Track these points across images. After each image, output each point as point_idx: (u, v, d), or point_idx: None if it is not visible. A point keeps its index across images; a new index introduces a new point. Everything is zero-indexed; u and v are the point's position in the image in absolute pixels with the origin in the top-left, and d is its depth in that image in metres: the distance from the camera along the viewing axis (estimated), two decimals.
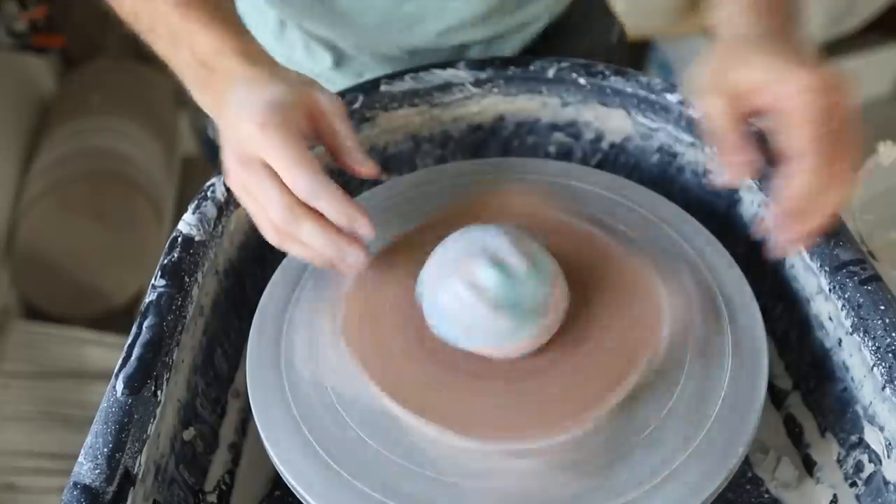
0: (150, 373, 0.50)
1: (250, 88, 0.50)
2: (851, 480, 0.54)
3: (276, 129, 0.48)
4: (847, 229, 0.56)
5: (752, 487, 0.55)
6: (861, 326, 0.51)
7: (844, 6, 2.01)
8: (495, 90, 0.69)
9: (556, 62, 0.68)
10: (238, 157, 0.50)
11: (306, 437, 0.49)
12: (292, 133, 0.49)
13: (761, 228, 0.54)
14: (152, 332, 0.52)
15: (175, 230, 0.59)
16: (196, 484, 0.55)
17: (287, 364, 0.53)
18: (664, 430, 0.48)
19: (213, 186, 0.61)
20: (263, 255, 0.66)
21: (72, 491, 0.45)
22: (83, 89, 1.78)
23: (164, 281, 0.55)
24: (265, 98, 0.49)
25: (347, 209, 0.49)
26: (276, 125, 0.48)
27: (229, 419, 0.60)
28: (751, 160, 0.53)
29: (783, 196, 0.51)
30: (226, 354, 0.62)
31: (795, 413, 0.59)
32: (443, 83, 0.68)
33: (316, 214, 0.49)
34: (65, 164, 1.60)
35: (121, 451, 0.46)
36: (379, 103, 0.67)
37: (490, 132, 0.71)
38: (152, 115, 1.79)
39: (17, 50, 1.76)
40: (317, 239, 0.49)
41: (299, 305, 0.56)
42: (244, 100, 0.50)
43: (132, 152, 1.67)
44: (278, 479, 0.54)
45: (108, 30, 1.82)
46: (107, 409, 0.48)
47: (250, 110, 0.49)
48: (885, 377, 0.49)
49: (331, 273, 0.57)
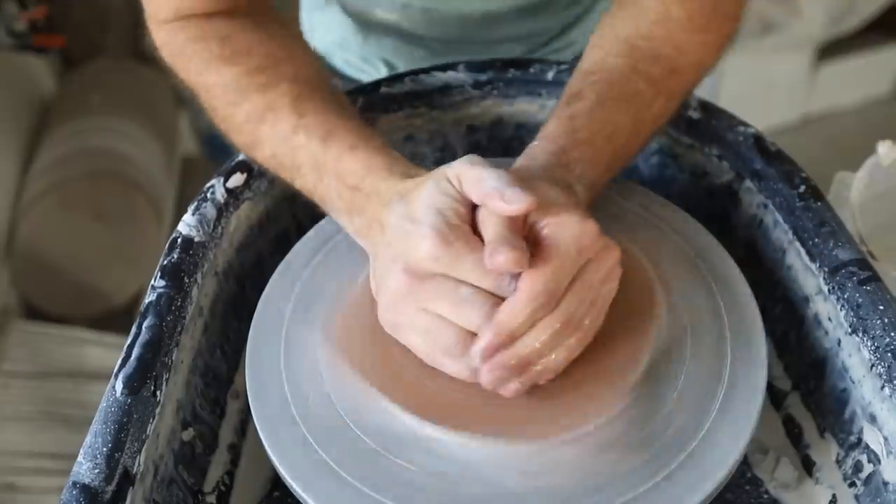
0: (149, 373, 0.50)
1: (409, 204, 0.48)
2: (850, 481, 0.54)
3: (456, 239, 0.45)
4: (847, 229, 0.56)
5: (752, 488, 0.55)
6: (860, 326, 0.51)
7: (844, 6, 2.01)
8: (495, 92, 0.69)
9: (555, 64, 0.69)
10: (415, 274, 0.47)
11: (306, 438, 0.49)
12: (470, 238, 0.46)
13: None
14: (152, 332, 0.52)
15: (175, 231, 0.59)
16: (195, 484, 0.55)
17: (286, 365, 0.53)
18: (664, 430, 0.48)
19: (212, 188, 0.62)
20: (263, 256, 0.66)
21: (71, 490, 0.45)
22: (83, 89, 1.78)
23: (164, 282, 0.55)
24: (426, 203, 0.47)
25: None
26: (456, 235, 0.46)
27: (228, 420, 0.60)
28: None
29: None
30: (225, 355, 0.62)
31: (795, 413, 0.59)
32: (442, 85, 0.68)
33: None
34: (65, 164, 1.60)
35: (120, 450, 0.46)
36: (379, 105, 0.67)
37: (489, 134, 0.71)
38: (152, 115, 1.79)
39: (17, 50, 1.76)
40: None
41: (298, 306, 0.56)
42: (406, 216, 0.47)
43: (132, 152, 1.67)
44: (277, 480, 0.54)
45: (108, 30, 1.83)
46: (106, 409, 0.48)
47: (422, 227, 0.46)
48: (884, 377, 0.50)
49: (329, 273, 0.57)
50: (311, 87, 0.57)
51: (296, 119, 0.55)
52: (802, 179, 0.60)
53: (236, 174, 0.62)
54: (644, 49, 0.58)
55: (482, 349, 0.45)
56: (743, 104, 0.89)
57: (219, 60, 0.58)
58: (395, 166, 0.52)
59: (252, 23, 0.60)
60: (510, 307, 0.45)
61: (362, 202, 0.52)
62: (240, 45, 0.58)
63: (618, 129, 0.56)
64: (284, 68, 0.58)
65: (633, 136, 0.57)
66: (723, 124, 0.64)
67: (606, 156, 0.55)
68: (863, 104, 2.30)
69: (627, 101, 0.56)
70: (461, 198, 0.47)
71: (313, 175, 0.54)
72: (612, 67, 0.57)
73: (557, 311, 0.46)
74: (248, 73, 0.57)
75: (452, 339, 0.47)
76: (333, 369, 0.52)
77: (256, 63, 0.57)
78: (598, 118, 0.55)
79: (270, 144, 0.56)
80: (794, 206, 0.58)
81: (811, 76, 2.20)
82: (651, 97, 0.57)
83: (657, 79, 0.58)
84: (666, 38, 0.58)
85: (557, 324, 0.46)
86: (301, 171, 0.55)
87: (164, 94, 1.84)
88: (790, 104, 2.23)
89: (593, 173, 0.54)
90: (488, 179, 0.46)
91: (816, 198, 0.58)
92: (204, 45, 0.58)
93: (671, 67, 0.58)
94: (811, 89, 2.23)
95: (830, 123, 2.27)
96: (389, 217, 0.49)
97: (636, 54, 0.58)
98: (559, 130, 0.55)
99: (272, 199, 0.66)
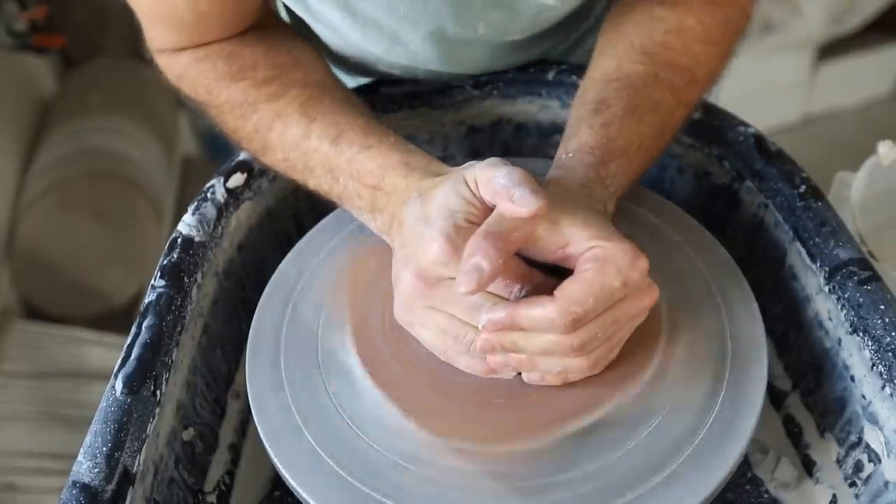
0: (149, 373, 0.50)
1: (425, 204, 0.48)
2: (851, 480, 0.54)
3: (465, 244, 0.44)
4: (847, 229, 0.56)
5: (752, 488, 0.55)
6: (861, 326, 0.51)
7: (844, 6, 2.01)
8: (495, 93, 0.69)
9: (555, 65, 0.69)
10: (425, 279, 0.47)
11: (306, 438, 0.49)
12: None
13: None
14: (152, 332, 0.52)
15: (175, 231, 0.59)
16: (195, 484, 0.55)
17: (286, 365, 0.53)
18: (664, 430, 0.48)
19: (212, 187, 0.62)
20: (263, 256, 0.66)
21: (71, 490, 0.45)
22: (83, 89, 1.78)
23: (164, 281, 0.55)
24: (440, 204, 0.46)
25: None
26: (465, 239, 0.44)
27: (229, 420, 0.60)
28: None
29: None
30: (225, 355, 0.62)
31: (795, 413, 0.59)
32: (442, 86, 0.68)
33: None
34: (65, 164, 1.60)
35: (120, 450, 0.46)
36: (379, 105, 0.67)
37: (490, 134, 0.71)
38: (152, 115, 1.79)
39: (17, 50, 1.75)
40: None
41: (298, 306, 0.56)
42: (421, 216, 0.47)
43: (132, 152, 1.67)
44: (278, 480, 0.54)
45: (108, 30, 1.83)
46: (106, 409, 0.48)
47: (432, 229, 0.46)
48: (884, 376, 0.50)
49: (326, 275, 0.57)
50: (320, 91, 0.57)
51: (306, 123, 0.55)
52: (803, 179, 0.60)
53: (236, 174, 0.63)
54: (662, 56, 0.57)
55: (489, 320, 0.45)
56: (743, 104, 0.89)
57: (227, 78, 0.57)
58: (413, 161, 0.52)
59: (256, 35, 0.60)
60: (539, 309, 0.44)
61: (384, 201, 0.52)
62: (245, 61, 0.58)
63: (646, 139, 0.54)
64: (292, 75, 0.58)
65: (656, 147, 0.56)
66: (723, 124, 0.64)
67: (638, 167, 0.54)
68: (863, 104, 2.30)
69: (653, 111, 0.55)
70: (476, 200, 0.47)
71: (328, 177, 0.55)
72: (633, 75, 0.56)
73: (576, 334, 0.45)
74: (257, 86, 0.57)
75: (465, 337, 0.47)
76: (334, 369, 0.52)
77: (263, 75, 0.57)
78: (630, 127, 0.54)
79: (282, 150, 0.56)
80: (794, 206, 0.58)
81: (811, 76, 2.20)
82: (673, 106, 0.56)
83: (679, 88, 0.57)
84: (683, 48, 0.58)
85: (572, 343, 0.45)
86: (314, 172, 0.55)
87: (164, 94, 1.84)
88: (790, 104, 2.23)
89: (624, 187, 0.53)
90: (498, 178, 0.45)
91: (817, 198, 0.58)
92: (209, 64, 0.58)
93: (690, 77, 0.57)
94: (811, 89, 2.23)
95: (830, 123, 2.27)
96: (407, 216, 0.49)
97: (655, 61, 0.57)
98: (595, 141, 0.53)
99: (273, 199, 0.66)
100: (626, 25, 0.60)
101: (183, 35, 0.58)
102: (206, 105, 0.59)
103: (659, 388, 0.49)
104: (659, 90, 0.56)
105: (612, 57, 0.58)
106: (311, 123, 0.55)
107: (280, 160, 0.57)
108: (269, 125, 0.56)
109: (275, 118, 0.56)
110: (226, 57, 0.58)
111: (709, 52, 0.59)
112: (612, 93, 0.55)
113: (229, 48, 0.59)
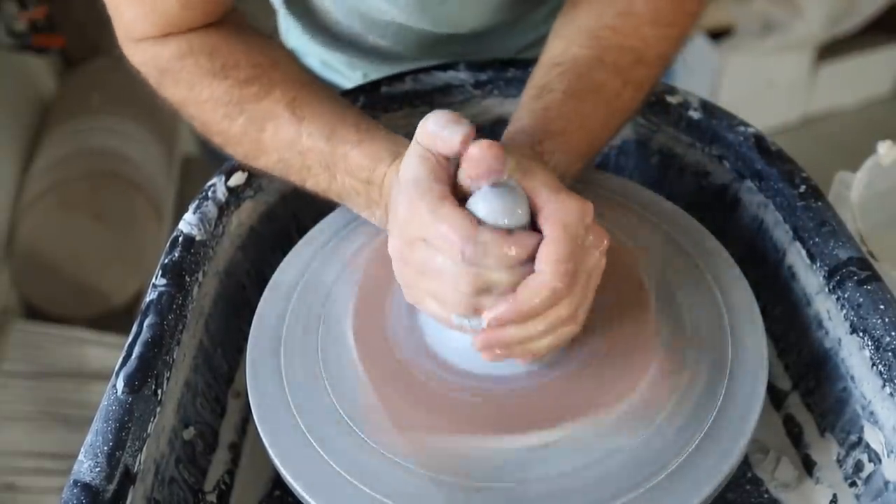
0: (150, 371, 0.50)
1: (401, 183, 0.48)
2: (851, 480, 0.54)
3: (420, 198, 0.45)
4: (847, 229, 0.56)
5: (752, 488, 0.55)
6: (861, 326, 0.51)
7: (844, 6, 2.01)
8: (495, 92, 0.69)
9: None
10: (404, 240, 0.47)
11: (306, 438, 0.49)
12: (438, 194, 0.45)
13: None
14: (153, 330, 0.52)
15: (176, 230, 0.59)
16: (196, 483, 0.55)
17: (287, 364, 0.53)
18: (664, 430, 0.48)
19: (213, 186, 0.62)
20: (264, 255, 0.66)
21: (72, 489, 0.45)
22: (83, 89, 1.78)
23: (165, 280, 0.55)
24: (404, 167, 0.47)
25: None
26: (421, 192, 0.45)
27: (229, 419, 0.60)
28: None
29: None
30: (226, 354, 0.62)
31: (795, 413, 0.59)
32: (443, 85, 0.69)
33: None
34: (65, 164, 1.60)
35: (121, 449, 0.46)
36: (380, 105, 0.67)
37: (490, 134, 0.71)
38: (152, 115, 1.79)
39: (17, 50, 1.76)
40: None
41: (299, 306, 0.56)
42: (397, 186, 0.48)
43: (132, 152, 1.67)
44: (278, 479, 0.54)
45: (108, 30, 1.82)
46: (107, 408, 0.48)
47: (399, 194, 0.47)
48: (884, 376, 0.50)
49: (327, 275, 0.57)
50: (303, 89, 0.57)
51: (297, 123, 0.55)
52: (803, 179, 0.60)
53: (237, 173, 0.63)
54: (609, 40, 0.58)
55: (493, 317, 0.45)
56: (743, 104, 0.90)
57: (209, 75, 0.57)
58: (402, 151, 0.52)
59: (232, 32, 0.60)
60: (536, 281, 0.44)
61: (376, 194, 0.53)
62: (227, 58, 0.58)
63: (588, 120, 0.56)
64: (273, 75, 0.58)
65: (603, 127, 0.58)
66: (723, 124, 0.64)
67: (579, 146, 0.55)
68: (863, 104, 2.30)
69: (596, 92, 0.57)
70: (432, 156, 0.47)
71: (325, 175, 0.55)
72: (578, 58, 0.57)
73: (566, 302, 0.45)
74: (239, 86, 0.57)
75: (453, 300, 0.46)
76: (335, 369, 0.52)
77: (245, 75, 0.57)
78: (570, 108, 0.55)
79: (276, 151, 0.56)
80: (794, 206, 0.58)
81: (811, 76, 2.21)
82: (619, 88, 0.58)
83: (624, 69, 0.58)
84: (632, 30, 0.59)
85: (564, 313, 0.46)
86: (312, 171, 0.56)
87: None
88: (790, 104, 2.24)
89: (566, 163, 0.54)
90: (428, 124, 0.46)
91: (817, 197, 0.58)
92: (192, 59, 0.58)
93: (637, 58, 0.58)
94: (811, 89, 2.23)
95: (830, 123, 2.27)
96: (393, 194, 0.49)
97: (601, 45, 0.58)
98: (532, 123, 0.54)
99: (273, 198, 0.66)
100: (579, 9, 0.61)
101: (165, 17, 0.58)
102: (186, 103, 0.59)
103: (658, 389, 0.49)
104: (603, 72, 0.57)
105: (562, 39, 0.60)
106: (301, 123, 0.55)
107: (275, 161, 0.57)
108: (261, 126, 0.56)
109: (264, 119, 0.56)
110: (208, 54, 0.58)
111: (658, 35, 0.59)
112: (555, 77, 0.57)
113: (211, 43, 0.58)
